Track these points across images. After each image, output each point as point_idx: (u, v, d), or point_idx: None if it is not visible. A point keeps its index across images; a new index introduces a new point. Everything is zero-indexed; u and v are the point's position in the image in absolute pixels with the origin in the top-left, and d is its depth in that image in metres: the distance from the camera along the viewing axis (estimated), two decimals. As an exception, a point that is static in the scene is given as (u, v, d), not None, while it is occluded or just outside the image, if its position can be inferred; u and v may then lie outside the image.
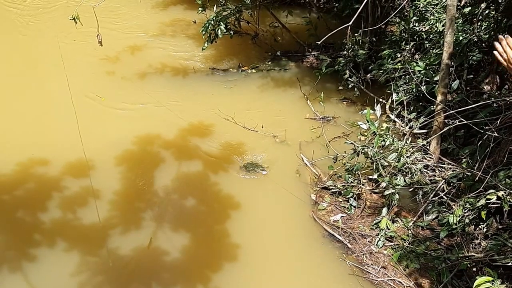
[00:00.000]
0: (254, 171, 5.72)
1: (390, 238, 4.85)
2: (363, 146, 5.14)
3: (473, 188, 4.61)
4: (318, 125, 6.58)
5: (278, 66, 8.02)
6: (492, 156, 4.74)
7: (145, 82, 7.40)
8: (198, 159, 5.95)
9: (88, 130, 6.10)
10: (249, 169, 5.76)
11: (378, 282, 4.48)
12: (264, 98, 7.21)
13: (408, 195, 5.25)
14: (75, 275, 4.44)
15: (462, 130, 5.43)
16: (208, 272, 4.54)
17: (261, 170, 5.74)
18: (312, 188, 5.59)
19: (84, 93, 6.92)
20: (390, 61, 6.63)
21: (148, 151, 6.01)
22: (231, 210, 5.26)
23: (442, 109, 5.18)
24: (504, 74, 5.67)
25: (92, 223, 4.99)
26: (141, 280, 4.50)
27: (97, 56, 7.77)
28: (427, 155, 5.29)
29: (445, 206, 4.88)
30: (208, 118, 6.58)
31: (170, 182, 5.57)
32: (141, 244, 4.80)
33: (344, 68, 7.14)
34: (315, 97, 6.97)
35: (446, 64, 5.17)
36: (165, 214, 5.19)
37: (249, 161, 5.89)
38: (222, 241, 4.92)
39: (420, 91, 5.85)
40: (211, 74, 7.76)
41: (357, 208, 5.25)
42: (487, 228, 4.53)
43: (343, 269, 4.63)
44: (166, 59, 7.98)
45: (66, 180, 5.51)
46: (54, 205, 5.24)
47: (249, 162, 5.88)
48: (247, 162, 5.88)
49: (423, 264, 4.57)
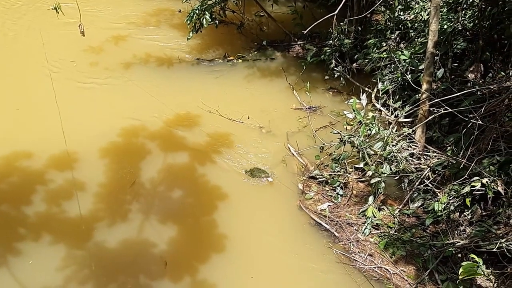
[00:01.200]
0: (259, 176, 5.47)
1: (376, 226, 4.89)
2: (349, 136, 5.16)
3: (458, 176, 4.66)
4: (304, 115, 6.58)
5: (264, 56, 7.98)
6: (477, 143, 4.79)
7: (130, 72, 7.30)
8: (185, 150, 5.91)
9: (72, 123, 6.01)
10: (254, 175, 5.51)
11: (365, 269, 4.52)
12: (250, 89, 7.18)
13: (394, 183, 5.29)
14: (61, 269, 4.39)
15: (447, 118, 5.48)
16: (196, 264, 4.53)
17: (266, 177, 5.48)
18: (299, 177, 5.60)
19: (67, 86, 6.81)
20: (375, 50, 6.65)
21: (133, 142, 5.95)
22: (218, 201, 5.24)
23: (427, 97, 5.22)
24: (488, 62, 5.73)
25: (78, 216, 4.94)
26: (128, 273, 4.47)
27: (80, 47, 7.65)
28: (413, 144, 5.33)
29: (431, 194, 4.94)
30: (194, 109, 6.53)
31: (156, 174, 5.53)
32: (128, 237, 4.76)
33: (330, 57, 7.15)
34: (301, 87, 6.96)
35: (431, 52, 5.19)
36: (152, 206, 5.15)
37: (255, 167, 5.62)
38: (209, 232, 4.90)
39: (406, 80, 5.88)
40: (197, 64, 7.69)
41: (343, 197, 5.28)
42: (472, 214, 4.59)
43: (330, 257, 4.66)
44: (150, 49, 7.89)
45: (50, 173, 5.43)
46: (39, 198, 5.17)
47: (255, 167, 5.60)
48: (253, 167, 5.61)
49: (409, 251, 4.62)
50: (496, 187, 4.30)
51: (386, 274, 4.48)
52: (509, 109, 4.74)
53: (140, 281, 4.37)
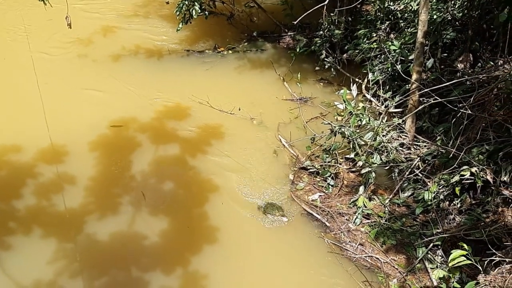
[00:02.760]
0: (272, 214, 4.99)
1: (367, 215, 4.92)
2: (340, 126, 5.17)
3: (447, 165, 4.70)
4: (295, 106, 6.58)
5: (255, 47, 7.95)
6: (466, 133, 4.83)
7: (119, 65, 7.24)
8: (175, 142, 5.88)
9: (61, 116, 5.97)
10: (268, 212, 5.02)
11: (356, 259, 4.55)
12: (241, 80, 7.15)
13: (384, 173, 5.32)
14: (52, 263, 4.37)
15: (436, 108, 5.51)
16: (187, 255, 4.53)
17: (281, 216, 4.99)
18: (290, 168, 5.60)
19: (55, 79, 6.74)
20: (365, 41, 6.65)
21: (123, 135, 5.91)
22: (209, 193, 5.24)
23: (417, 87, 5.23)
24: (477, 52, 5.75)
25: (68, 209, 4.91)
26: (120, 265, 4.46)
27: (68, 39, 7.56)
28: (403, 134, 5.36)
29: (421, 183, 4.97)
30: (184, 100, 6.50)
31: (147, 166, 5.51)
32: (119, 229, 4.75)
33: (321, 48, 7.14)
34: (292, 78, 6.95)
35: (421, 42, 5.20)
36: (142, 198, 5.14)
37: (269, 202, 5.15)
38: (201, 224, 4.90)
39: (396, 70, 5.89)
40: (187, 56, 7.64)
41: (334, 187, 5.30)
42: (461, 203, 4.63)
43: (321, 247, 4.68)
44: (140, 41, 7.82)
45: (39, 167, 5.39)
46: (29, 192, 5.13)
47: (269, 203, 5.13)
48: (267, 202, 5.14)
49: (400, 240, 4.66)
50: (485, 176, 4.35)
51: (377, 263, 4.51)
52: (498, 99, 4.77)
53: (132, 273, 4.37)
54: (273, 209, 5.02)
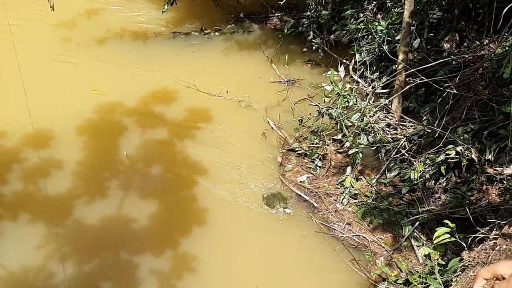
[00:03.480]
0: (273, 206, 4.90)
1: (354, 195, 4.97)
2: (327, 108, 5.18)
3: (433, 144, 4.75)
4: (283, 88, 6.56)
5: (242, 28, 7.87)
6: (452, 112, 4.87)
7: (104, 48, 7.14)
8: (163, 126, 5.86)
9: (46, 101, 5.89)
10: (270, 202, 4.96)
11: (344, 238, 4.62)
12: (228, 62, 7.10)
13: (371, 153, 5.37)
14: (41, 247, 4.37)
15: (423, 89, 5.54)
16: (176, 237, 4.56)
17: (284, 208, 4.90)
18: (278, 150, 5.62)
19: (40, 63, 6.63)
20: (353, 21, 6.61)
21: (110, 119, 5.86)
22: (198, 176, 5.24)
23: (404, 68, 5.24)
24: (463, 31, 5.77)
25: (56, 193, 4.89)
26: (109, 248, 4.48)
27: (51, 22, 7.41)
28: (389, 114, 5.38)
29: (407, 163, 5.02)
30: (171, 84, 6.44)
31: (134, 150, 5.48)
32: (108, 213, 4.75)
33: (308, 29, 7.10)
34: (280, 59, 6.92)
35: (407, 22, 5.19)
36: (131, 182, 5.13)
37: (272, 192, 5.09)
38: (190, 207, 4.92)
39: (382, 51, 5.89)
40: (173, 38, 7.55)
41: (322, 168, 5.33)
42: (447, 182, 4.70)
43: (310, 227, 4.73)
44: (125, 23, 7.70)
45: (25, 152, 5.34)
46: (15, 177, 5.09)
47: (272, 193, 5.08)
48: (270, 193, 5.07)
49: (386, 219, 4.73)
50: (470, 155, 4.40)
51: (364, 242, 4.58)
52: (483, 78, 4.81)
53: (121, 256, 4.38)
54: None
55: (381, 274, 4.29)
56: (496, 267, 1.39)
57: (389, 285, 4.15)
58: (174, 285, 4.19)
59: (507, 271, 1.36)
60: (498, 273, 1.38)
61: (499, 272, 1.38)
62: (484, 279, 1.42)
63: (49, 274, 4.19)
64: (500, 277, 1.37)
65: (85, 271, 4.25)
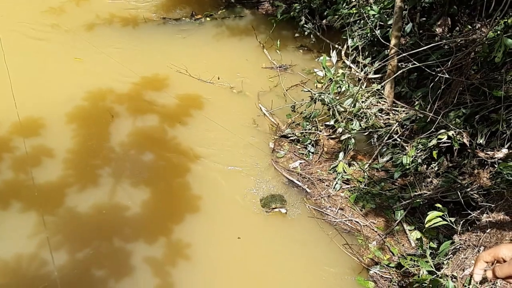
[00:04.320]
0: (269, 207, 4.73)
1: (346, 181, 4.99)
2: (319, 93, 5.16)
3: (425, 129, 4.76)
4: (275, 74, 6.53)
5: (233, 13, 7.79)
6: (444, 97, 4.88)
7: (93, 34, 7.03)
8: (154, 113, 5.81)
9: (35, 88, 5.81)
10: (266, 204, 4.78)
11: (337, 223, 4.64)
12: (220, 48, 7.04)
13: (364, 139, 5.37)
14: (33, 236, 4.34)
15: (415, 73, 5.53)
16: (170, 224, 4.55)
17: (280, 207, 4.74)
18: (271, 137, 5.61)
19: (27, 50, 6.52)
20: (345, 6, 6.57)
21: (100, 106, 5.80)
22: (190, 163, 5.22)
23: (396, 52, 5.23)
24: (455, 15, 5.75)
25: (47, 182, 4.84)
26: (102, 236, 4.46)
27: (40, 8, 7.28)
28: (382, 99, 5.38)
29: (399, 148, 5.04)
30: (162, 70, 6.38)
31: (126, 138, 5.44)
32: (100, 201, 4.72)
33: (300, 14, 7.04)
34: (272, 45, 6.87)
35: (399, 7, 5.16)
36: (123, 170, 5.09)
37: (269, 194, 4.89)
38: (183, 194, 4.91)
39: (375, 36, 5.87)
40: (163, 24, 7.46)
41: (315, 154, 5.33)
42: (439, 166, 4.72)
43: (303, 212, 4.75)
44: (114, 9, 7.58)
45: (15, 140, 5.27)
46: (6, 166, 5.03)
47: (270, 194, 4.87)
48: (268, 195, 4.88)
49: (379, 204, 4.75)
50: (461, 139, 4.42)
51: (357, 227, 4.61)
52: (475, 62, 4.81)
53: (114, 244, 4.37)
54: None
55: (374, 258, 4.32)
56: (497, 250, 1.40)
57: (382, 268, 4.19)
58: (168, 272, 4.20)
59: (508, 254, 1.37)
60: (499, 256, 1.40)
61: (500, 255, 1.39)
62: (485, 262, 1.43)
63: (42, 263, 4.17)
64: (501, 260, 1.39)
65: (78, 259, 4.23)
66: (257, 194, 4.91)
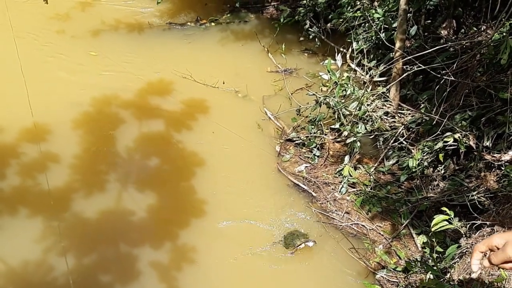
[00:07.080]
0: (293, 244, 4.38)
1: (352, 184, 4.97)
2: (325, 97, 5.15)
3: (431, 132, 4.74)
4: (280, 78, 6.53)
5: (238, 18, 7.81)
6: (449, 100, 4.85)
7: (99, 40, 7.07)
8: (159, 118, 5.83)
9: (42, 94, 5.84)
10: (288, 242, 4.42)
11: (343, 227, 4.62)
12: (225, 53, 7.06)
13: (369, 142, 5.36)
14: (40, 241, 4.37)
15: (420, 76, 5.51)
16: (175, 229, 4.56)
17: (305, 242, 4.40)
18: (276, 140, 5.61)
19: (34, 56, 6.57)
20: (349, 9, 6.56)
21: (106, 112, 5.83)
22: (196, 167, 5.23)
23: (401, 55, 5.21)
24: (460, 18, 5.72)
25: (54, 187, 4.87)
26: (108, 241, 4.48)
27: (47, 14, 7.35)
28: (387, 102, 5.36)
29: (405, 151, 5.02)
30: (167, 75, 6.40)
31: (131, 143, 5.46)
32: (106, 206, 4.74)
33: (304, 18, 7.04)
34: (276, 49, 6.88)
35: (404, 9, 5.15)
36: (128, 175, 5.12)
37: (290, 231, 4.55)
38: (188, 198, 4.92)
39: (380, 39, 5.85)
40: (168, 29, 7.50)
41: (320, 158, 5.32)
42: (445, 169, 4.69)
43: (309, 216, 4.74)
44: (119, 15, 7.62)
45: (23, 146, 5.31)
46: (13, 172, 5.07)
47: (290, 232, 4.54)
48: (288, 232, 4.54)
49: (385, 208, 4.73)
50: (468, 142, 4.39)
51: (363, 230, 4.59)
52: (481, 64, 4.78)
53: (120, 249, 4.39)
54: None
55: (380, 262, 4.30)
56: (490, 240, 1.48)
57: (388, 272, 4.17)
58: (174, 277, 4.20)
59: (500, 241, 1.45)
60: (492, 245, 1.47)
61: (493, 243, 1.47)
62: (481, 252, 1.51)
63: (48, 268, 4.19)
64: (495, 248, 1.46)
65: (84, 264, 4.25)
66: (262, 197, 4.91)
